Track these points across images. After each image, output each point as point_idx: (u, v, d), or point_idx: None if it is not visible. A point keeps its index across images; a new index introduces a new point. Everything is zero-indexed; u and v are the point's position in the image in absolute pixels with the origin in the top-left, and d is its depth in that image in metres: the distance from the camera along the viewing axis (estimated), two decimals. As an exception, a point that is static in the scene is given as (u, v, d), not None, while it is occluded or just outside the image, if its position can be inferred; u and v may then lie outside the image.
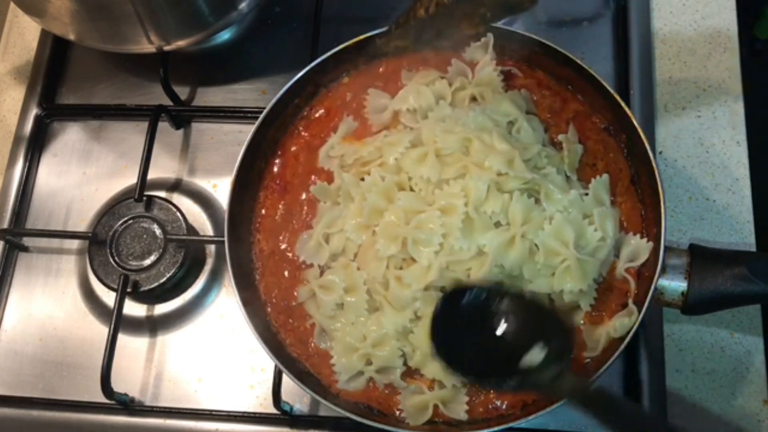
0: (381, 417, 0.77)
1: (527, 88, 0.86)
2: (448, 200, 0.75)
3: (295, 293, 0.83)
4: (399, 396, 0.78)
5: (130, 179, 0.98)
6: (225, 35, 1.05)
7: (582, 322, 0.78)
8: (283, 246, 0.85)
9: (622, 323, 0.74)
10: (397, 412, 0.78)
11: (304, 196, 0.86)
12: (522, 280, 0.76)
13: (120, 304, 0.89)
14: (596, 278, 0.77)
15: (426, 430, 0.76)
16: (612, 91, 0.80)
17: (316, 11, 1.02)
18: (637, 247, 0.78)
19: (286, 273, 0.84)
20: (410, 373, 0.78)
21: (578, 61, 0.81)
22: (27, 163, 1.02)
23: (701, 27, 1.00)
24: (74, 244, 0.98)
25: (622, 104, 0.79)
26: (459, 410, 0.76)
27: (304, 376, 0.78)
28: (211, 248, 0.96)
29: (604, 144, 0.84)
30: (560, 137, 0.83)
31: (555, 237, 0.75)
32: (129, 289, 0.91)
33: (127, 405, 0.89)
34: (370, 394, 0.79)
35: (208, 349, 0.91)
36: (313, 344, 0.81)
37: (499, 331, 0.71)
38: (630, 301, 0.77)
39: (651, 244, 0.77)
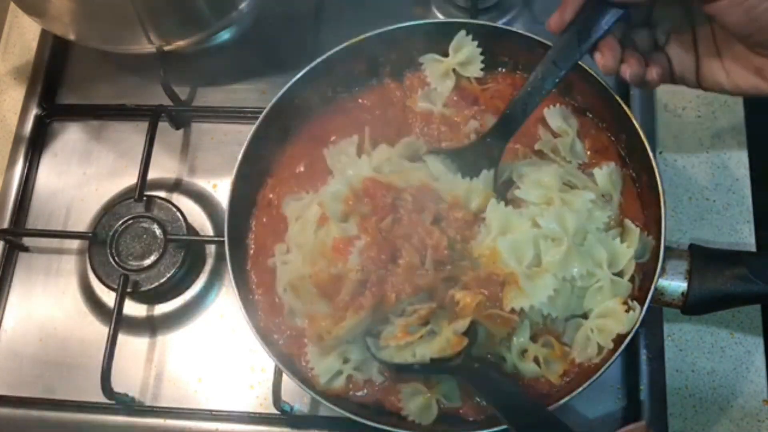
0: (382, 417, 0.77)
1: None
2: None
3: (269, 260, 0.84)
4: (400, 395, 0.78)
5: (130, 179, 0.98)
6: (225, 35, 1.05)
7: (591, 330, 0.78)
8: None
9: (627, 318, 0.74)
10: (402, 412, 0.77)
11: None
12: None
13: (120, 304, 0.89)
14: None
15: (426, 431, 0.76)
16: (612, 91, 0.80)
17: (316, 11, 1.02)
18: (645, 243, 0.78)
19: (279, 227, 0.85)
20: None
21: (578, 61, 0.81)
22: (27, 163, 1.02)
23: (701, 27, 1.00)
24: (74, 244, 0.98)
25: (622, 104, 0.79)
26: (457, 398, 0.77)
27: (302, 376, 0.79)
28: (211, 248, 0.96)
29: (581, 122, 0.85)
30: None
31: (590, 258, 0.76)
32: (129, 289, 0.91)
33: (127, 405, 0.89)
34: (375, 394, 0.79)
35: (208, 349, 0.91)
36: (284, 325, 0.81)
37: None
38: (629, 299, 0.76)
39: (654, 241, 0.77)
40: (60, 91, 1.07)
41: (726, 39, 0.72)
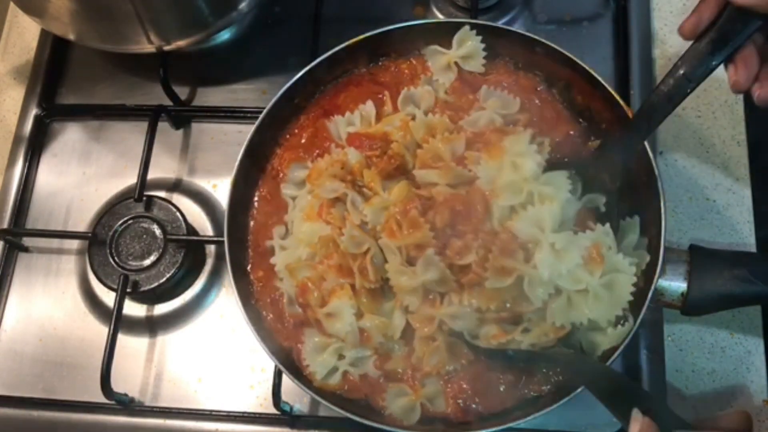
0: (380, 416, 0.77)
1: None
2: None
3: (266, 242, 0.84)
4: (384, 394, 0.78)
5: (130, 179, 0.98)
6: (225, 35, 1.05)
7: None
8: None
9: (615, 332, 0.73)
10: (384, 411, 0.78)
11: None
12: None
13: (120, 304, 0.89)
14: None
15: (426, 431, 0.76)
16: (612, 91, 0.80)
17: (316, 11, 1.02)
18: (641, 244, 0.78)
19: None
20: (385, 372, 0.78)
21: (578, 61, 0.81)
22: (27, 163, 1.02)
23: (701, 27, 1.00)
24: (74, 244, 0.98)
25: (622, 104, 0.79)
26: (441, 403, 0.77)
27: (302, 376, 0.79)
28: (211, 248, 0.96)
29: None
30: None
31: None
32: (129, 289, 0.91)
33: (127, 405, 0.89)
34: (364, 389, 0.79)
35: (208, 349, 0.91)
36: (287, 315, 0.81)
37: None
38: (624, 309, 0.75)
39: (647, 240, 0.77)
40: (60, 91, 1.07)
41: None
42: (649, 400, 0.65)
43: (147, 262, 0.91)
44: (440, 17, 1.03)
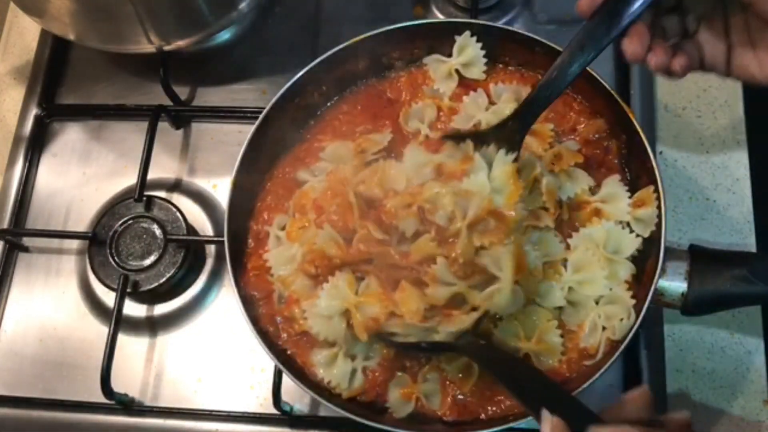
0: (382, 416, 0.77)
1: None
2: None
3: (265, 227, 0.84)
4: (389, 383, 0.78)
5: (130, 179, 0.98)
6: (225, 35, 1.05)
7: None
8: None
9: (620, 325, 0.74)
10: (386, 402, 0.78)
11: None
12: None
13: (120, 304, 0.89)
14: None
15: (425, 430, 0.76)
16: (612, 91, 0.80)
17: (316, 11, 1.02)
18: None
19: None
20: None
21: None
22: (27, 163, 1.02)
23: (701, 27, 1.00)
24: (74, 244, 0.98)
25: (622, 104, 0.79)
26: (437, 402, 0.77)
27: (302, 376, 0.79)
28: (211, 248, 0.96)
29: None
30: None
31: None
32: (129, 289, 0.91)
33: (126, 405, 0.89)
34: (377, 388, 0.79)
35: (208, 349, 0.92)
36: (276, 309, 0.81)
37: None
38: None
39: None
40: (60, 91, 1.07)
41: (760, 28, 0.69)
42: (559, 393, 0.66)
43: (147, 262, 0.91)
44: (440, 17, 1.03)
